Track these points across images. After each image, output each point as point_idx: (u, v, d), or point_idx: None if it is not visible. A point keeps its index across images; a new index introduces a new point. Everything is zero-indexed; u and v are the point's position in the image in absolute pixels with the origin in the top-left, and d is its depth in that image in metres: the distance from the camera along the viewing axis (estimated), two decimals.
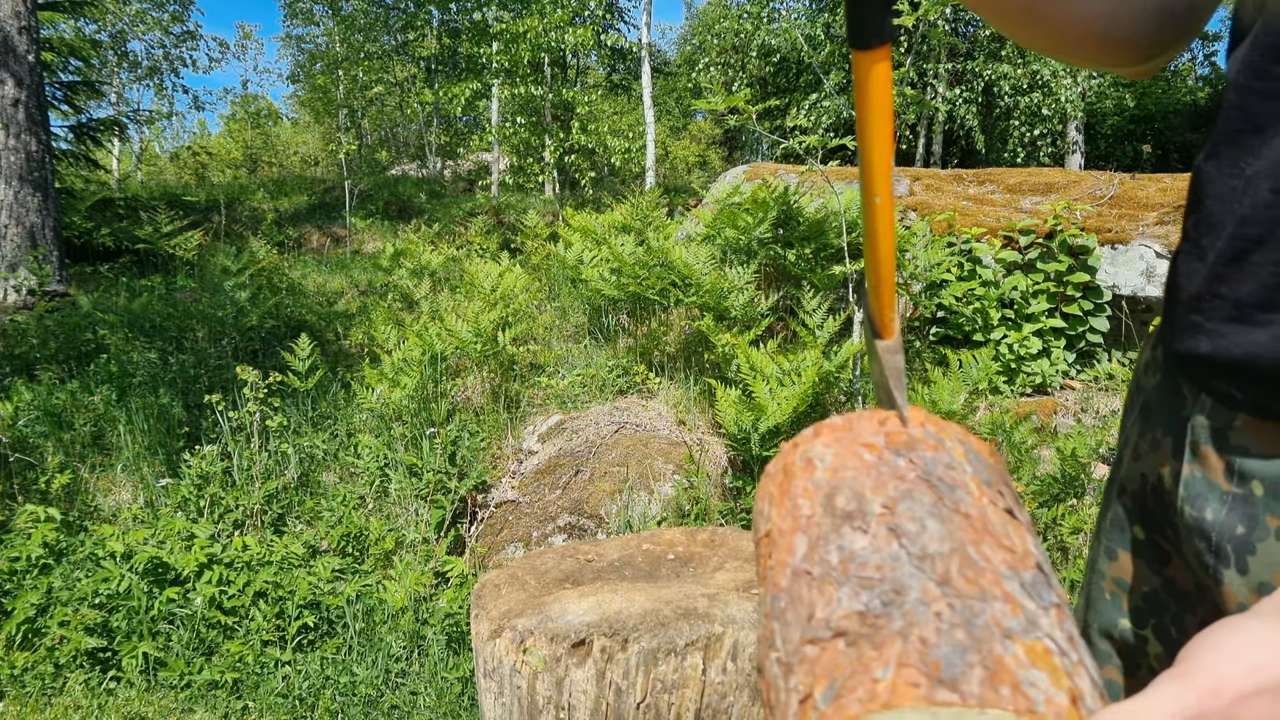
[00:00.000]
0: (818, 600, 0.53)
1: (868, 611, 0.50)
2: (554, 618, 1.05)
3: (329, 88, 17.54)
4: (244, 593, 2.66)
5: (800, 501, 0.62)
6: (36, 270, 5.84)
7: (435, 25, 15.20)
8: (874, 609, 0.50)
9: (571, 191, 12.26)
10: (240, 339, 4.87)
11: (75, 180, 10.23)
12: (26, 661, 2.52)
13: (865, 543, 0.55)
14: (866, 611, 0.50)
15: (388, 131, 21.77)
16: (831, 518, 0.59)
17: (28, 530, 2.85)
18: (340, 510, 3.18)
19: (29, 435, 3.63)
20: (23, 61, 6.05)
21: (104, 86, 17.18)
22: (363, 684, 2.44)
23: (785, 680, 0.52)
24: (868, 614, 0.50)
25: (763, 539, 0.64)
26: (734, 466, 3.33)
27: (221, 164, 21.32)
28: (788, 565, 0.58)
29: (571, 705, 1.00)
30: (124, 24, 17.34)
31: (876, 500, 0.59)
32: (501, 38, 10.08)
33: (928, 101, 10.12)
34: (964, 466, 0.63)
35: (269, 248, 6.89)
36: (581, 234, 5.39)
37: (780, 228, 4.47)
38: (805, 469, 0.65)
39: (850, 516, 0.58)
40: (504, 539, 3.12)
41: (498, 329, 4.14)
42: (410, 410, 3.75)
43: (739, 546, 1.33)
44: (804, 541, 0.58)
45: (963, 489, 0.60)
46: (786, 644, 0.53)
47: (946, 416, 3.07)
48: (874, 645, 0.48)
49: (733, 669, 0.99)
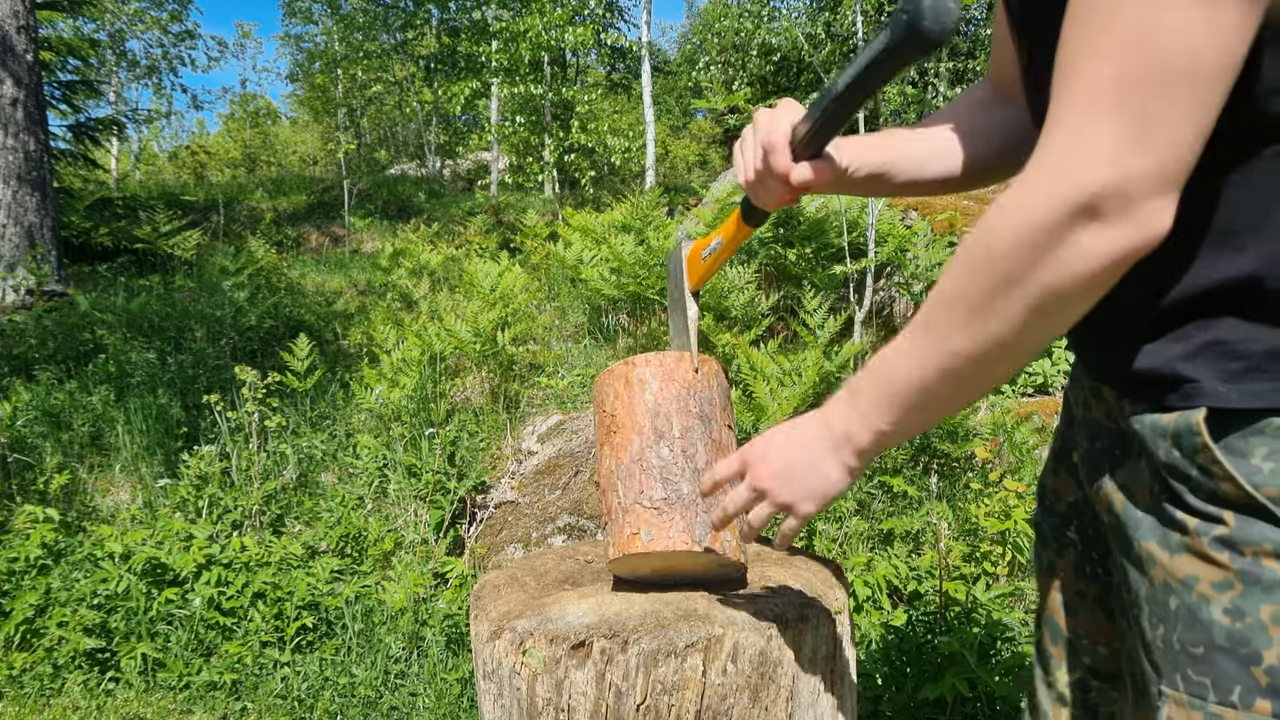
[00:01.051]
0: (644, 483, 1.08)
1: (668, 497, 1.07)
2: (553, 619, 1.04)
3: (328, 87, 17.53)
4: (242, 594, 2.66)
5: (638, 412, 1.11)
6: (35, 270, 5.83)
7: (434, 24, 15.20)
8: (670, 497, 1.07)
9: (571, 191, 12.25)
10: (239, 339, 4.86)
11: (74, 180, 10.21)
12: (25, 662, 2.52)
13: (669, 455, 1.09)
14: (667, 497, 1.07)
15: (387, 131, 21.75)
16: (654, 433, 1.10)
17: (26, 531, 2.84)
18: (339, 511, 3.17)
19: (27, 435, 3.62)
20: (21, 61, 6.04)
21: (102, 86, 17.17)
22: (362, 685, 2.44)
23: (621, 517, 1.08)
24: (668, 498, 1.07)
25: (607, 414, 1.14)
26: None
27: (220, 163, 21.31)
28: (628, 453, 1.10)
29: (571, 707, 0.99)
30: (122, 23, 17.33)
31: (677, 426, 1.11)
32: (501, 36, 10.08)
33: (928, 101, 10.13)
34: (716, 399, 1.15)
35: (267, 247, 6.89)
36: (581, 233, 5.38)
37: (780, 227, 4.47)
38: (640, 388, 1.12)
39: (662, 435, 1.10)
40: (503, 540, 3.11)
41: (497, 329, 4.13)
42: (409, 410, 3.75)
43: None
44: (638, 442, 1.10)
45: (715, 420, 1.14)
46: (625, 497, 1.09)
47: (947, 417, 3.06)
48: (669, 516, 1.06)
49: (733, 670, 0.99)
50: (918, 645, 2.10)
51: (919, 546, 2.73)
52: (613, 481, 1.10)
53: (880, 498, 2.94)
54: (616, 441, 1.11)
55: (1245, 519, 0.67)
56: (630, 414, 1.11)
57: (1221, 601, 0.68)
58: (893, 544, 2.72)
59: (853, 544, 2.76)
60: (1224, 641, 0.68)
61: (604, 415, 1.14)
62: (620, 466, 1.10)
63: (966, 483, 2.98)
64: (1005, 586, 2.38)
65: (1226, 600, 0.68)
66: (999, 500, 2.51)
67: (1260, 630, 0.66)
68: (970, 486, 2.92)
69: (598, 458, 1.14)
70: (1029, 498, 2.77)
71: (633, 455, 1.09)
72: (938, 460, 3.07)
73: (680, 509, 1.06)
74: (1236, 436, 0.67)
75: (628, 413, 1.11)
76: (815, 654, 1.05)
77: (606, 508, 1.11)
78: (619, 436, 1.11)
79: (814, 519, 2.82)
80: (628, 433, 1.10)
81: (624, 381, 1.12)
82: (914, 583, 2.46)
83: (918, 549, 2.73)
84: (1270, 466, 0.66)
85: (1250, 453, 0.67)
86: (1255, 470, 0.66)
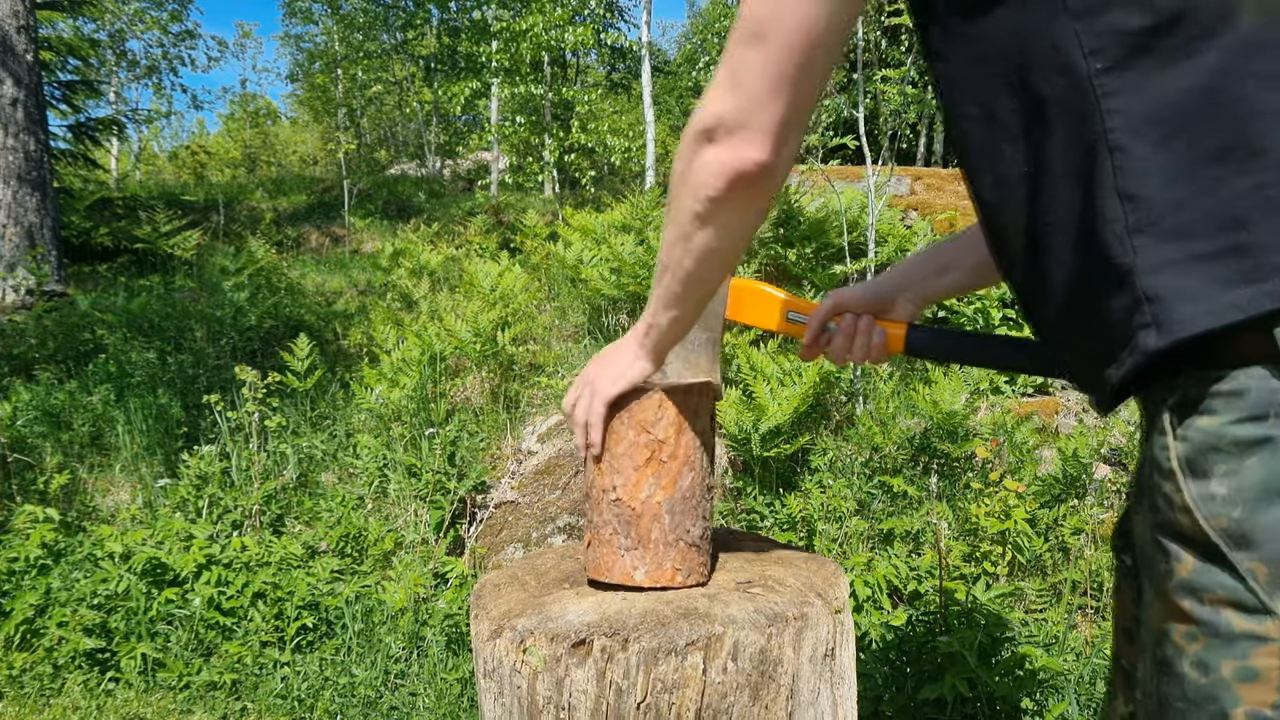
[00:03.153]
0: (689, 521, 1.13)
1: (703, 534, 1.15)
2: (554, 618, 1.04)
3: (328, 87, 17.51)
4: (242, 593, 2.66)
5: (690, 444, 1.12)
6: (35, 270, 5.83)
7: (434, 24, 15.19)
8: (705, 534, 1.16)
9: (571, 191, 12.25)
10: (239, 339, 4.86)
11: (74, 180, 10.21)
12: (25, 662, 2.52)
13: (704, 490, 1.16)
14: (703, 534, 1.15)
15: (387, 130, 21.75)
16: (702, 468, 1.14)
17: (26, 531, 2.84)
18: (339, 511, 3.17)
19: (27, 435, 3.62)
20: (21, 61, 6.04)
21: (102, 86, 17.17)
22: (362, 685, 2.44)
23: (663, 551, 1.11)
24: (704, 534, 1.15)
25: (653, 439, 1.10)
26: (734, 467, 3.32)
27: (220, 163, 21.30)
28: (677, 487, 1.12)
29: (572, 705, 1.00)
30: (122, 23, 17.32)
31: (708, 460, 1.16)
32: (501, 36, 10.07)
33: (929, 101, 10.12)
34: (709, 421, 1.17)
35: (268, 247, 6.88)
36: (581, 233, 5.38)
37: (781, 227, 4.47)
38: (692, 417, 1.12)
39: (706, 471, 1.15)
40: (503, 539, 3.11)
41: (497, 329, 4.13)
42: (409, 410, 3.74)
43: (738, 546, 1.33)
44: (690, 477, 1.12)
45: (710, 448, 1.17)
46: (671, 532, 1.11)
47: (947, 417, 3.06)
48: (704, 554, 1.16)
49: (733, 669, 0.99)
50: (918, 645, 2.10)
51: (919, 546, 2.73)
52: (658, 513, 1.10)
53: (880, 498, 2.94)
54: (665, 471, 1.10)
55: (1203, 562, 0.64)
56: (682, 444, 1.11)
57: (1190, 654, 0.65)
58: (893, 544, 2.72)
59: (853, 544, 2.76)
60: (1195, 696, 0.65)
61: (647, 437, 1.09)
62: (669, 501, 1.10)
63: (966, 483, 2.98)
64: (1005, 586, 2.38)
65: (1194, 653, 0.65)
66: (999, 500, 2.51)
67: (1225, 687, 0.63)
68: (970, 486, 2.92)
69: (633, 479, 1.10)
70: (1029, 498, 2.77)
71: (682, 490, 1.11)
72: (938, 460, 3.07)
73: (709, 546, 1.17)
74: (1201, 448, 0.64)
75: (680, 442, 1.10)
76: (815, 653, 1.05)
77: (640, 536, 1.10)
78: (670, 466, 1.10)
79: (814, 522, 2.81)
80: (679, 464, 1.10)
81: (676, 408, 1.10)
82: (914, 583, 2.46)
83: (918, 549, 2.72)
84: (1224, 491, 0.62)
85: (1212, 472, 0.63)
86: (1210, 497, 0.63)
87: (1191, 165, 0.63)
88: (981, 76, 0.73)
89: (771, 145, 0.78)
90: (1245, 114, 0.62)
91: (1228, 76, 0.62)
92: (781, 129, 0.78)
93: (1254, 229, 0.62)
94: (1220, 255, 0.63)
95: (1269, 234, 0.61)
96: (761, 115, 0.77)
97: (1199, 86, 0.63)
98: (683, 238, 0.89)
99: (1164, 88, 0.64)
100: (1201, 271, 0.63)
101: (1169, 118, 0.64)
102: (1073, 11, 0.65)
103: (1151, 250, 0.65)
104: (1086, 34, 0.65)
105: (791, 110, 0.77)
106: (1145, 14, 0.63)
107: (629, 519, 1.09)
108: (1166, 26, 0.63)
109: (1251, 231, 0.62)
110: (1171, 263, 0.64)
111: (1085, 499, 2.81)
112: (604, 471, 1.11)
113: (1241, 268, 0.62)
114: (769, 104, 0.76)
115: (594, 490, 1.13)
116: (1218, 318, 0.62)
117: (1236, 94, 0.62)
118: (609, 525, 1.11)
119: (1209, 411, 0.64)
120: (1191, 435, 0.64)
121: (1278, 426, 0.60)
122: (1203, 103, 0.63)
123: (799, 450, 3.15)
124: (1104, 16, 0.64)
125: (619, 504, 1.10)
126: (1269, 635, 0.61)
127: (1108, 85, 0.65)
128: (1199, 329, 0.62)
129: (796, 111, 0.78)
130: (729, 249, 0.89)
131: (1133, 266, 0.65)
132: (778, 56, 0.75)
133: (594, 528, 1.13)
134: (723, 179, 0.81)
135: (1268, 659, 0.61)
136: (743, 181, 0.80)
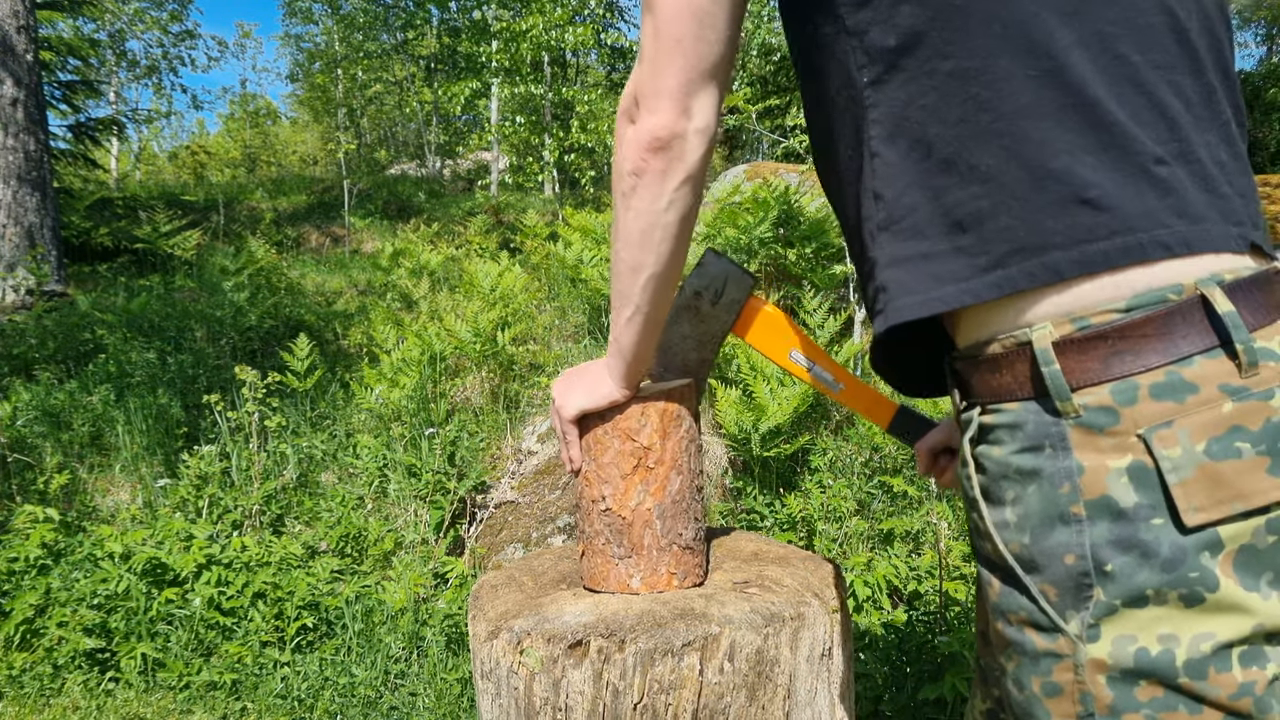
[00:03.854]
0: (681, 524, 1.12)
1: (696, 536, 1.14)
2: (551, 619, 1.04)
3: (328, 87, 17.52)
4: (242, 593, 2.66)
5: (677, 449, 1.11)
6: (35, 270, 5.83)
7: (435, 24, 15.19)
8: (699, 536, 1.15)
9: (571, 191, 12.25)
10: (239, 339, 4.86)
11: (73, 180, 10.22)
12: (25, 662, 2.52)
13: (695, 493, 1.15)
14: (696, 535, 1.14)
15: (387, 131, 21.76)
16: (690, 472, 1.13)
17: (26, 531, 2.84)
18: (339, 511, 3.17)
19: (27, 435, 3.62)
20: (21, 61, 6.05)
21: (102, 86, 17.18)
22: (362, 685, 2.44)
23: (657, 556, 1.11)
24: (697, 537, 1.15)
25: (639, 446, 1.08)
26: (734, 467, 3.32)
27: (220, 163, 21.32)
28: (666, 492, 1.11)
29: (569, 706, 1.00)
30: (122, 23, 17.33)
31: (696, 462, 1.15)
32: (501, 36, 10.07)
33: None
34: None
35: (267, 247, 6.88)
36: (581, 233, 5.38)
37: (781, 227, 4.47)
38: (678, 422, 1.11)
39: (695, 474, 1.15)
40: (503, 540, 3.11)
41: (497, 329, 4.13)
42: (409, 410, 3.75)
43: (736, 546, 1.33)
44: (678, 481, 1.11)
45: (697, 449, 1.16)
46: (663, 536, 1.11)
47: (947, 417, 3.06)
48: (698, 556, 1.16)
49: (730, 669, 0.99)
50: (918, 645, 2.10)
51: (919, 546, 2.73)
52: (649, 520, 1.10)
53: (880, 498, 2.95)
54: (653, 478, 1.10)
55: (1006, 586, 0.69)
56: (669, 450, 1.10)
57: (1010, 671, 0.70)
58: (893, 544, 2.72)
59: (853, 544, 2.76)
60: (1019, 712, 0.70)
61: (632, 445, 1.09)
62: (659, 506, 1.10)
63: None
64: None
65: (1011, 670, 0.70)
66: None
67: (1037, 702, 0.67)
68: None
69: (621, 488, 1.10)
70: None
71: (672, 494, 1.10)
72: None
73: (703, 547, 1.16)
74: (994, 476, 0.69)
75: (665, 448, 1.10)
76: (812, 653, 1.05)
77: (633, 543, 1.10)
78: (657, 472, 1.10)
79: (814, 521, 2.81)
80: (666, 469, 1.10)
81: (658, 413, 1.09)
82: (914, 583, 2.46)
83: (918, 549, 2.73)
84: (1014, 519, 0.67)
85: (1005, 500, 0.68)
86: (1005, 524, 0.68)
87: (925, 174, 0.71)
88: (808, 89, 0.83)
89: (674, 109, 0.78)
90: (965, 133, 0.68)
91: (950, 97, 0.69)
92: (681, 93, 0.78)
93: (970, 234, 0.69)
94: (941, 255, 0.70)
95: (979, 240, 0.68)
96: (660, 81, 0.78)
97: (930, 104, 0.70)
98: (618, 228, 0.88)
99: (907, 103, 0.71)
100: (922, 269, 0.71)
101: (910, 130, 0.71)
102: (849, 30, 0.73)
103: (888, 246, 0.74)
104: (857, 51, 0.73)
105: (687, 72, 0.77)
106: (892, 35, 0.70)
107: (620, 528, 1.09)
108: (908, 47, 0.70)
109: (968, 236, 0.69)
110: (902, 259, 0.73)
111: None
112: (592, 482, 1.11)
113: (955, 267, 0.69)
114: (666, 69, 0.77)
115: (584, 501, 1.13)
116: (926, 308, 0.71)
117: (959, 114, 0.68)
118: (601, 535, 1.11)
119: (997, 442, 0.70)
120: (987, 464, 0.71)
121: (1051, 458, 0.65)
122: (932, 118, 0.70)
123: (799, 450, 3.16)
124: (868, 35, 0.72)
125: (609, 514, 1.10)
126: (1062, 651, 0.65)
127: (871, 98, 0.73)
128: (908, 317, 0.71)
129: (694, 73, 0.78)
130: (660, 227, 0.86)
131: (876, 259, 0.75)
132: (665, 21, 0.76)
133: (587, 538, 1.13)
134: (638, 150, 0.81)
135: (1065, 673, 0.65)
136: (654, 148, 0.80)
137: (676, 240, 0.87)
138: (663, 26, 0.76)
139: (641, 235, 0.86)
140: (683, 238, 0.87)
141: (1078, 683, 0.64)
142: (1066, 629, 0.65)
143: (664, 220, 0.85)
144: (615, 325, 0.96)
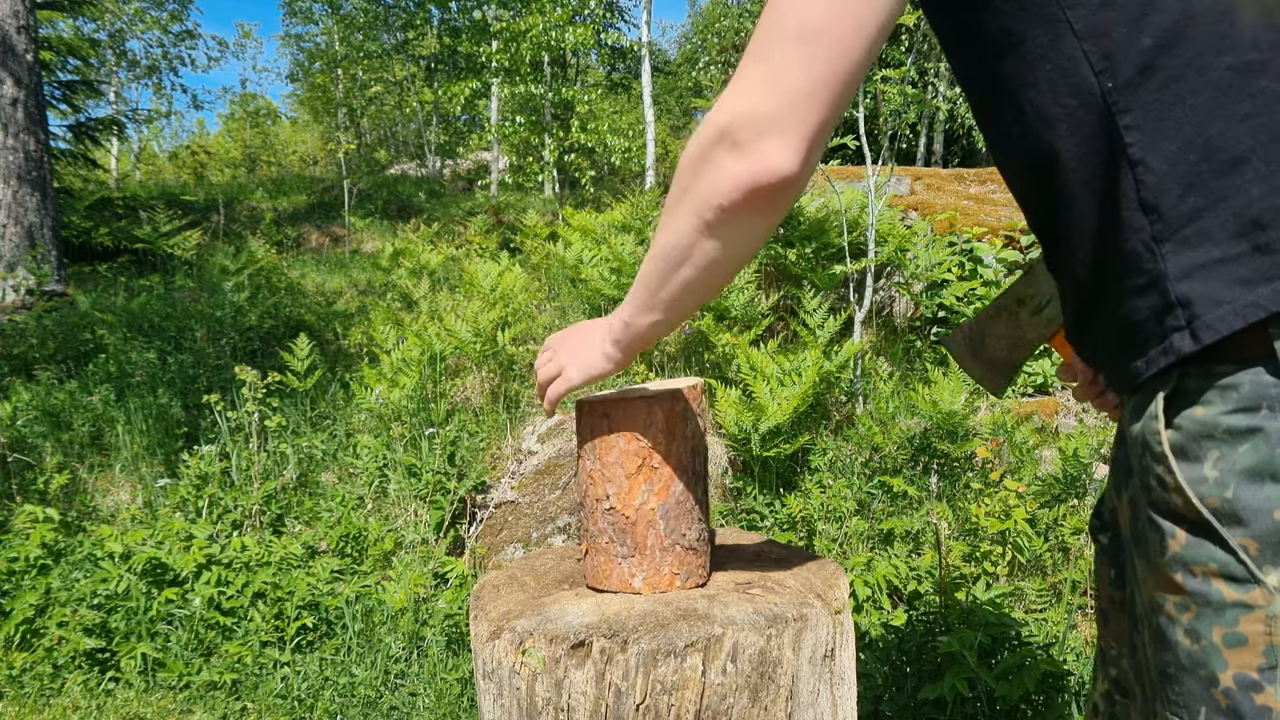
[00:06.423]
0: (684, 525, 1.11)
1: (700, 536, 1.14)
2: (553, 619, 1.04)
3: (328, 87, 17.52)
4: (242, 593, 2.66)
5: (680, 451, 1.11)
6: (35, 270, 5.83)
7: (435, 24, 15.19)
8: (703, 537, 1.15)
9: (571, 191, 12.25)
10: (239, 339, 4.86)
11: (74, 180, 10.21)
12: (25, 662, 2.52)
13: (700, 494, 1.15)
14: (700, 536, 1.14)
15: (387, 130, 21.75)
16: (693, 473, 1.14)
17: (26, 531, 2.84)
18: (339, 511, 3.17)
19: (27, 435, 3.62)
20: (21, 61, 6.04)
21: (103, 86, 17.18)
22: (362, 685, 2.43)
23: (660, 556, 1.11)
24: (700, 537, 1.14)
25: (644, 446, 1.09)
26: (734, 467, 3.32)
27: (220, 163, 21.31)
28: (670, 493, 1.10)
29: (571, 706, 0.99)
30: (123, 23, 17.33)
31: (700, 462, 1.16)
32: (501, 36, 10.07)
33: (929, 101, 10.10)
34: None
35: (268, 247, 6.88)
36: (581, 233, 5.38)
37: (781, 227, 4.46)
38: (682, 424, 1.11)
39: (699, 475, 1.15)
40: (503, 539, 3.11)
41: (497, 329, 4.13)
42: (409, 410, 3.74)
43: (739, 547, 1.33)
44: (680, 482, 1.11)
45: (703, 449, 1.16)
46: (667, 537, 1.11)
47: (947, 417, 3.06)
48: (702, 557, 1.15)
49: (732, 670, 0.99)
50: (918, 645, 2.10)
51: (919, 546, 2.73)
52: (653, 520, 1.09)
53: (880, 498, 2.94)
54: (657, 477, 1.09)
55: (1195, 537, 0.68)
56: (674, 449, 1.09)
57: (1182, 623, 0.70)
58: (893, 544, 2.72)
59: (853, 544, 2.76)
60: (1187, 663, 0.70)
61: (637, 444, 1.09)
62: (663, 506, 1.09)
63: (966, 483, 2.98)
64: (1005, 586, 2.38)
65: (1186, 621, 0.70)
66: (999, 500, 2.51)
67: (1215, 653, 0.68)
68: (970, 486, 2.92)
69: (626, 487, 1.10)
70: (1029, 498, 2.77)
71: (676, 494, 1.09)
72: (938, 460, 3.07)
73: (706, 547, 1.16)
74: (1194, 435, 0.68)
75: (670, 448, 1.09)
76: (815, 654, 1.05)
77: (636, 543, 1.10)
78: (662, 472, 1.09)
79: (815, 521, 2.81)
80: (671, 469, 1.09)
81: (664, 414, 1.09)
82: (914, 583, 2.46)
83: (918, 549, 2.72)
84: (1215, 475, 0.67)
85: (1204, 458, 0.68)
86: (1202, 480, 0.68)
87: (1207, 175, 0.67)
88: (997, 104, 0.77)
89: (803, 155, 0.73)
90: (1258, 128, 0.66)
91: (1233, 92, 0.66)
92: (816, 137, 0.72)
93: (1272, 230, 0.66)
94: (1241, 257, 0.67)
95: None
96: (797, 120, 0.71)
97: (1204, 103, 0.66)
98: (683, 245, 0.82)
99: (1174, 103, 0.67)
100: (1225, 274, 0.67)
101: (1182, 132, 0.67)
102: (1079, 34, 0.69)
103: (1176, 257, 0.69)
104: (1094, 54, 0.69)
105: (830, 116, 0.72)
106: (1147, 33, 0.67)
107: (624, 527, 1.09)
108: (1169, 45, 0.67)
109: (1270, 232, 0.66)
110: (1195, 269, 0.68)
111: (1085, 499, 2.81)
112: (596, 480, 1.11)
113: (1261, 266, 0.66)
114: (809, 108, 0.71)
115: (588, 499, 1.13)
116: (1244, 318, 0.66)
117: (1247, 109, 0.66)
118: (604, 534, 1.11)
119: (1204, 403, 0.68)
120: (1184, 424, 0.69)
121: (1269, 418, 0.65)
122: (1211, 117, 0.66)
123: (799, 450, 3.15)
124: (1111, 36, 0.68)
125: (613, 512, 1.10)
126: (1256, 603, 0.66)
127: (1121, 102, 0.68)
128: (1228, 330, 0.66)
129: (833, 118, 0.73)
130: (732, 262, 0.83)
131: (1163, 273, 0.69)
132: (829, 56, 0.69)
133: (590, 536, 1.13)
134: (741, 190, 0.75)
135: (1254, 624, 0.66)
136: (763, 194, 0.74)
137: (735, 269, 0.85)
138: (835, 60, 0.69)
139: (710, 264, 0.82)
140: (739, 267, 0.84)
141: (1268, 634, 0.65)
142: (1266, 581, 0.65)
143: (738, 256, 0.82)
144: (636, 314, 0.93)
